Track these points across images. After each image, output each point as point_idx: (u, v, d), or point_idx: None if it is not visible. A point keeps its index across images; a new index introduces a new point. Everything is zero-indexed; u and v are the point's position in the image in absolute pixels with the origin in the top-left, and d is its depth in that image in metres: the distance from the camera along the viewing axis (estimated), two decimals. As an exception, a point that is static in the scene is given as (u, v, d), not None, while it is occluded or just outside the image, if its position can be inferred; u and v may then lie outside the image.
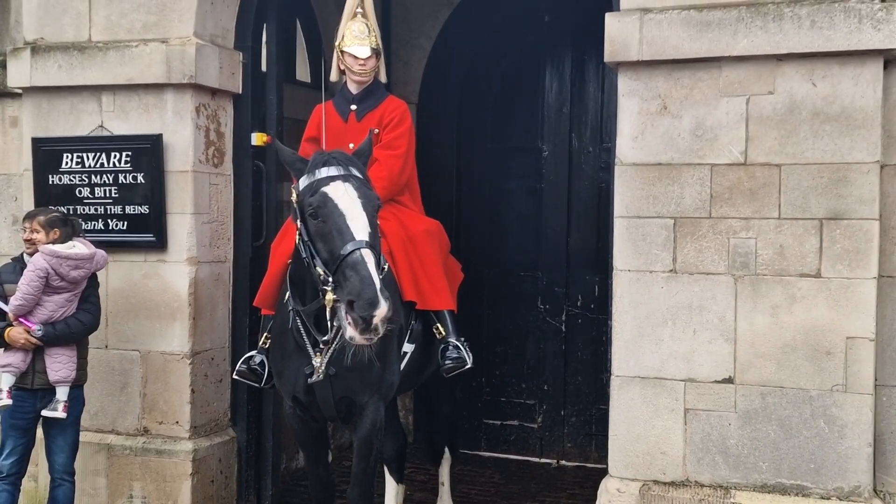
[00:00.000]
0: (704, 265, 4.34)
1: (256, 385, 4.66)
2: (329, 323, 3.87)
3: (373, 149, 4.85)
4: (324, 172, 3.84)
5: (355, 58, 4.85)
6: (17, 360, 4.68)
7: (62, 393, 4.73)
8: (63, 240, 4.73)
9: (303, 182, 3.90)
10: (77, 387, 4.86)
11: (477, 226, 7.19)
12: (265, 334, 4.55)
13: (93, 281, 4.88)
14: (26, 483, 5.42)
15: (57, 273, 4.63)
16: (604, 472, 4.67)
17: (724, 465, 4.34)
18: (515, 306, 7.09)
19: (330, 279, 3.66)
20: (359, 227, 3.70)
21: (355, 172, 3.90)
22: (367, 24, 4.89)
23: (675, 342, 4.38)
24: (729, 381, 4.33)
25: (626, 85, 4.44)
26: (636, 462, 4.45)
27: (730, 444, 4.33)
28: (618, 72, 4.47)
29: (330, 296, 3.67)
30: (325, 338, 3.99)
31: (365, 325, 3.53)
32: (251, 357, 4.60)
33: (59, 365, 4.70)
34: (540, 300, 7.04)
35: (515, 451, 7.11)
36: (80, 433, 5.26)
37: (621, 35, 4.36)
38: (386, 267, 3.95)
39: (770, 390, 4.28)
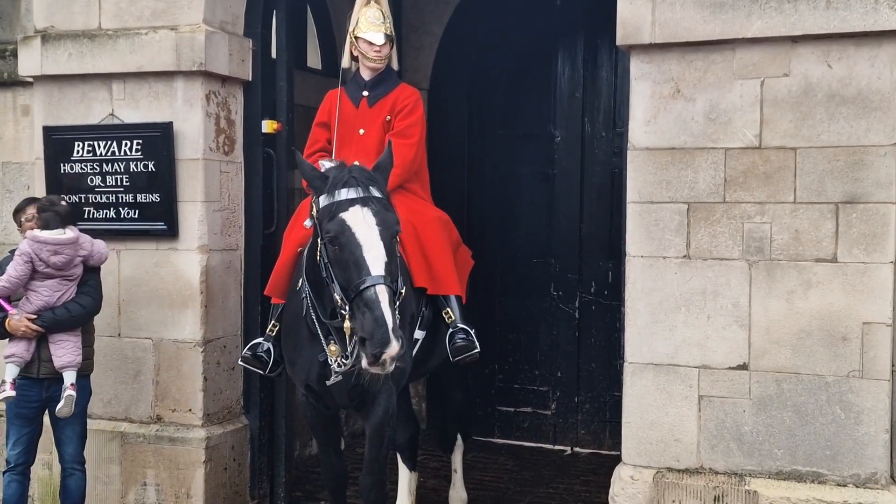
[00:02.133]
0: (718, 250, 4.30)
1: (261, 372, 4.65)
2: (348, 344, 3.90)
3: (384, 133, 4.83)
4: (343, 195, 3.78)
5: (370, 44, 4.82)
6: (20, 349, 4.69)
7: (69, 377, 4.72)
8: (43, 225, 4.72)
9: (322, 201, 3.85)
10: (83, 376, 4.86)
11: (489, 212, 7.16)
12: (272, 321, 4.54)
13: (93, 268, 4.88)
14: (40, 471, 5.45)
15: (39, 258, 4.63)
16: (617, 459, 4.64)
17: (738, 452, 4.31)
18: (528, 293, 7.05)
19: (346, 308, 3.70)
20: (375, 259, 3.67)
21: (375, 193, 3.83)
22: (381, 11, 4.87)
23: (689, 328, 4.34)
24: (743, 367, 4.29)
25: (638, 68, 4.39)
26: (650, 449, 4.42)
27: (744, 431, 4.30)
28: (630, 55, 4.42)
29: (348, 324, 3.73)
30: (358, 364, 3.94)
31: (375, 359, 3.57)
32: (258, 344, 4.60)
33: (63, 350, 4.70)
34: (553, 287, 7.01)
35: (529, 438, 7.09)
36: (94, 421, 5.28)
37: (633, 18, 4.30)
38: (402, 291, 3.94)
39: (785, 377, 4.24)
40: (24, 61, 5.46)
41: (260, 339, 4.62)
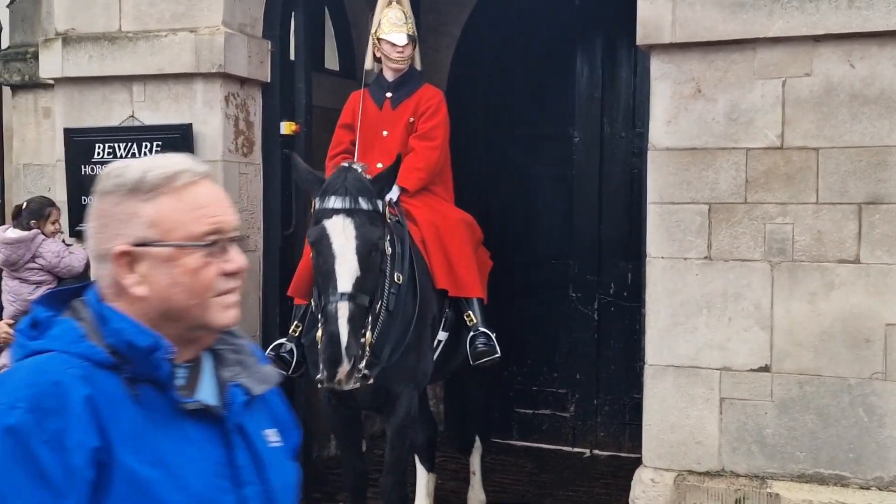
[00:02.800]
0: (740, 252, 4.26)
1: (285, 373, 4.65)
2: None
3: (407, 135, 4.84)
4: (330, 203, 3.84)
5: (392, 45, 4.82)
6: (4, 359, 4.68)
7: None
8: (17, 225, 4.77)
9: (315, 204, 3.93)
10: None
11: (507, 214, 7.13)
12: (295, 322, 4.55)
13: (85, 269, 4.90)
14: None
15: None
16: (637, 462, 4.61)
17: (760, 454, 4.27)
18: (547, 295, 7.03)
19: (320, 314, 3.80)
20: (345, 273, 3.73)
21: (362, 205, 3.85)
22: (403, 11, 4.87)
23: (710, 330, 4.30)
24: (765, 369, 4.25)
25: (658, 68, 4.36)
26: (670, 452, 4.39)
27: (766, 434, 4.26)
28: (650, 55, 4.40)
29: (319, 332, 3.80)
30: (318, 377, 3.97)
31: (329, 377, 3.65)
32: (281, 345, 4.60)
33: None
34: (571, 288, 6.97)
35: (548, 440, 7.06)
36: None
37: (654, 17, 4.28)
38: (378, 306, 3.99)
39: (807, 379, 4.20)
40: (46, 64, 5.49)
41: (283, 340, 4.63)
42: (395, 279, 4.22)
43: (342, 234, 3.78)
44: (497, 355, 4.66)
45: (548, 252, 7.04)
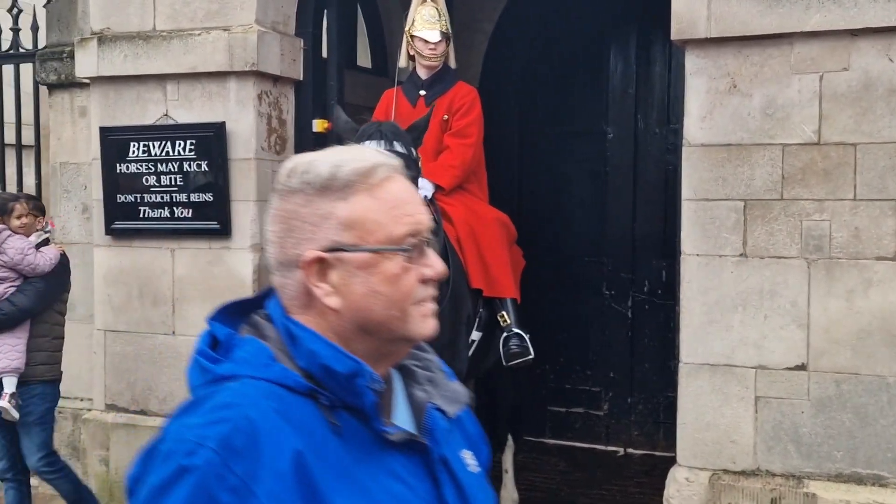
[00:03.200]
0: (776, 249, 4.20)
1: None
2: None
3: (441, 132, 4.82)
4: (366, 146, 3.83)
5: (426, 42, 4.82)
6: None
7: (9, 385, 4.70)
8: None
9: None
10: (45, 382, 4.86)
11: (539, 211, 7.11)
12: None
13: (58, 269, 4.93)
14: (97, 467, 5.53)
15: None
16: (671, 461, 4.57)
17: (796, 454, 4.22)
18: (579, 292, 7.00)
19: None
20: None
21: (398, 148, 3.87)
22: (437, 9, 4.86)
23: (746, 328, 4.25)
24: (802, 367, 4.19)
25: (693, 63, 4.31)
26: (705, 451, 4.34)
27: (802, 433, 4.20)
28: (685, 50, 4.35)
29: None
30: None
31: None
32: None
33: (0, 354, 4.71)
34: (605, 286, 6.94)
35: (581, 438, 7.03)
36: (150, 418, 5.34)
37: (688, 12, 4.23)
38: None
39: (845, 377, 4.14)
40: (81, 63, 5.55)
41: None
42: None
43: None
44: (530, 357, 4.64)
45: (581, 249, 7.00)
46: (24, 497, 4.97)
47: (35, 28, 6.25)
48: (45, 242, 5.18)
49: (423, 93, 4.90)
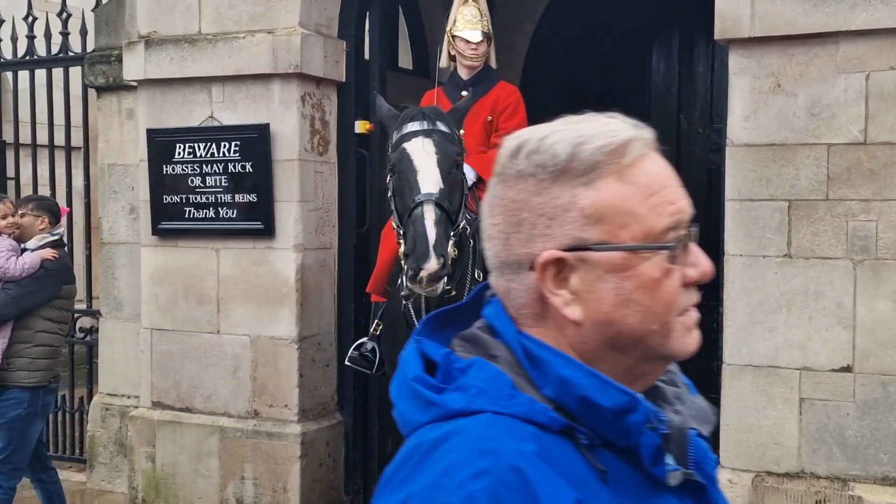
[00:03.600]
0: (821, 249, 4.16)
1: (368, 372, 4.67)
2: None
3: (485, 133, 4.83)
4: (408, 128, 3.88)
5: (467, 42, 4.83)
6: None
7: None
8: None
9: (393, 137, 3.97)
10: (23, 389, 4.84)
11: (581, 211, 7.09)
12: (376, 321, 4.56)
13: (40, 275, 4.89)
14: (144, 464, 5.63)
15: None
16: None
17: (841, 456, 4.17)
18: (621, 292, 6.96)
19: (401, 232, 3.76)
20: (428, 182, 3.73)
21: (441, 127, 3.88)
22: (478, 9, 4.87)
23: (790, 329, 4.22)
24: (847, 369, 4.15)
25: (737, 63, 4.29)
26: (748, 452, 4.32)
27: (848, 435, 4.16)
28: (728, 49, 4.32)
29: (401, 249, 3.77)
30: (404, 293, 3.97)
31: (413, 274, 3.59)
32: (362, 344, 4.62)
33: None
34: (647, 286, 6.90)
35: (622, 438, 7.00)
36: (194, 415, 5.42)
37: (732, 11, 4.21)
38: (462, 225, 3.91)
39: (891, 379, 4.08)
40: (129, 66, 5.64)
41: (364, 339, 4.64)
42: (476, 276, 4.20)
43: (423, 151, 3.79)
44: None
45: (622, 249, 6.97)
46: (53, 495, 5.05)
47: (84, 32, 6.35)
48: (56, 245, 5.10)
49: (464, 93, 4.90)
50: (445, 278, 3.71)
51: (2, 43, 6.68)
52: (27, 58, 6.59)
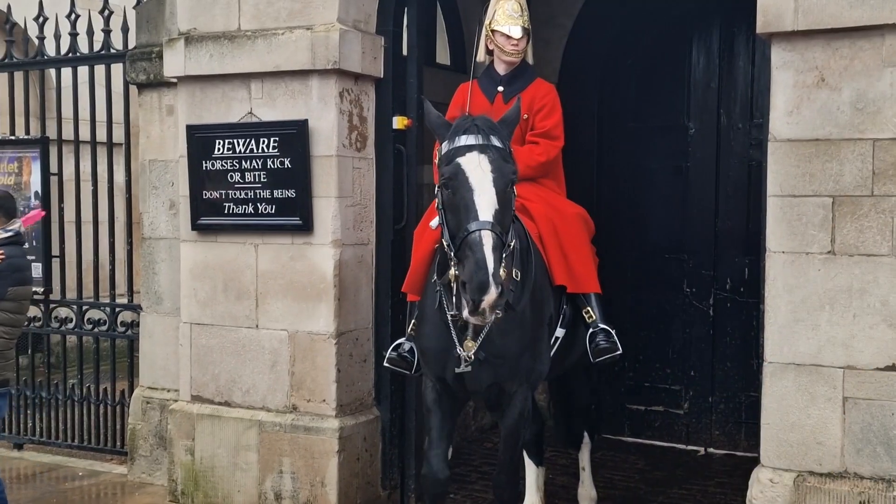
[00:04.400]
0: (866, 246, 4.09)
1: (407, 373, 4.63)
2: (457, 300, 3.81)
3: (521, 131, 4.80)
4: (462, 140, 3.78)
5: (508, 37, 4.80)
6: None
7: None
8: None
9: (443, 148, 3.87)
10: None
11: (619, 206, 7.04)
12: (413, 322, 4.53)
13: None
14: (183, 456, 5.68)
15: None
16: (754, 461, 4.49)
17: (886, 456, 4.10)
18: (660, 289, 6.92)
19: (453, 254, 3.69)
20: (485, 204, 3.65)
21: (495, 142, 3.79)
22: (519, 3, 4.83)
23: (833, 327, 4.15)
24: (892, 368, 4.07)
25: (780, 57, 4.22)
26: (790, 452, 4.26)
27: (893, 435, 4.08)
28: (771, 43, 4.26)
29: (453, 271, 3.70)
30: (453, 313, 3.87)
31: (474, 306, 3.53)
32: (400, 344, 4.58)
33: None
34: (686, 283, 6.85)
35: (660, 437, 6.96)
36: (233, 409, 5.46)
37: (775, 4, 4.14)
38: (512, 244, 3.85)
39: (938, 379, 4.01)
40: (169, 63, 5.69)
41: (402, 340, 4.59)
42: (514, 276, 4.17)
43: (478, 168, 3.70)
44: (618, 352, 4.60)
45: (661, 246, 6.92)
46: None
47: (125, 29, 6.42)
48: (12, 243, 4.94)
49: (501, 89, 4.87)
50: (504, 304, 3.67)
51: (45, 40, 6.77)
52: (70, 55, 6.68)
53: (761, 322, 4.41)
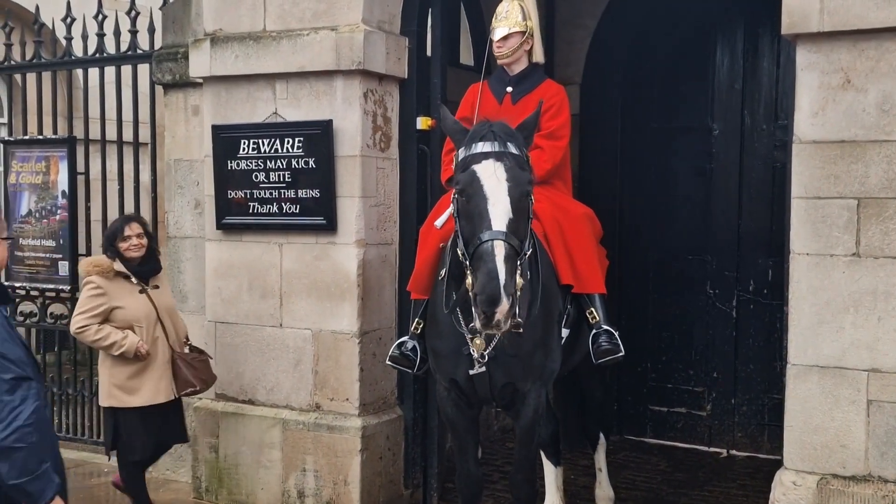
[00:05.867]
0: (891, 248, 4.07)
1: (409, 371, 4.65)
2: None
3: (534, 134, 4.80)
4: (478, 147, 3.74)
5: (493, 40, 4.80)
6: None
7: None
8: None
9: (460, 154, 3.84)
10: None
11: (642, 207, 7.04)
12: (417, 319, 4.54)
13: None
14: (207, 454, 5.73)
15: None
16: (776, 464, 4.48)
17: (911, 460, 4.08)
18: (682, 291, 6.90)
19: (468, 262, 3.67)
20: (499, 214, 3.61)
21: (512, 149, 3.75)
22: (513, 4, 4.79)
23: (858, 330, 4.13)
24: (917, 371, 4.05)
25: (805, 58, 4.21)
26: (813, 455, 4.24)
27: (918, 439, 4.07)
28: (796, 44, 4.24)
29: (469, 280, 3.67)
30: (473, 325, 3.80)
31: (486, 319, 3.50)
32: (403, 342, 4.58)
33: None
34: (709, 285, 6.83)
35: (682, 438, 6.94)
36: (257, 407, 5.49)
37: (800, 5, 4.13)
38: (528, 253, 3.83)
39: (964, 383, 3.98)
40: (195, 63, 5.74)
41: (405, 338, 4.60)
42: (525, 279, 4.17)
43: (493, 177, 3.66)
44: (621, 354, 4.57)
45: (684, 247, 6.91)
46: None
47: (151, 30, 6.48)
48: None
49: (510, 90, 4.85)
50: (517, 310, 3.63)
51: (73, 41, 6.84)
52: (97, 55, 6.74)
53: (785, 324, 4.40)
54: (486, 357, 4.05)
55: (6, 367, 3.07)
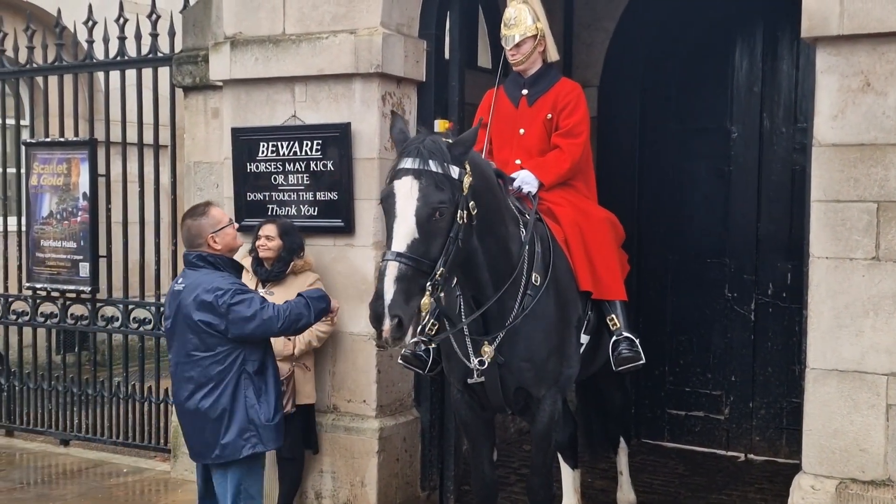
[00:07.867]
0: (911, 252, 4.05)
1: (420, 371, 4.66)
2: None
3: (546, 131, 4.78)
4: (402, 163, 3.74)
5: (505, 47, 4.81)
6: None
7: None
8: None
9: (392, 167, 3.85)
10: None
11: (660, 210, 7.02)
12: (432, 321, 4.54)
13: None
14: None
15: None
16: (795, 468, 4.46)
17: (931, 465, 4.06)
18: (701, 294, 6.88)
19: None
20: (401, 234, 3.62)
21: (432, 167, 3.69)
22: (520, 9, 4.78)
23: (878, 334, 4.11)
24: (937, 376, 4.03)
25: (824, 61, 4.19)
26: (832, 459, 4.22)
27: (938, 444, 4.04)
28: (816, 47, 4.23)
29: None
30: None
31: (377, 335, 3.58)
32: (416, 343, 4.59)
33: None
34: (727, 288, 6.81)
35: (700, 442, 6.92)
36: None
37: (820, 8, 4.12)
38: (439, 272, 3.69)
39: None
40: (215, 66, 5.77)
41: (418, 338, 4.61)
42: (533, 280, 4.16)
43: (406, 195, 3.67)
44: (641, 362, 4.56)
45: (703, 250, 6.89)
46: None
47: (172, 33, 6.52)
48: None
49: (525, 92, 4.84)
50: (411, 330, 3.66)
51: (94, 44, 6.90)
52: (118, 58, 6.79)
53: (804, 328, 4.39)
54: (486, 364, 4.08)
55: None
